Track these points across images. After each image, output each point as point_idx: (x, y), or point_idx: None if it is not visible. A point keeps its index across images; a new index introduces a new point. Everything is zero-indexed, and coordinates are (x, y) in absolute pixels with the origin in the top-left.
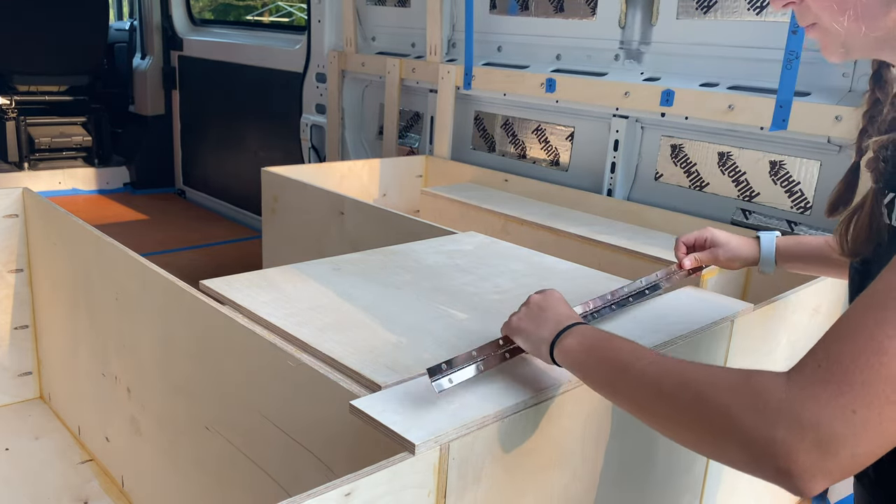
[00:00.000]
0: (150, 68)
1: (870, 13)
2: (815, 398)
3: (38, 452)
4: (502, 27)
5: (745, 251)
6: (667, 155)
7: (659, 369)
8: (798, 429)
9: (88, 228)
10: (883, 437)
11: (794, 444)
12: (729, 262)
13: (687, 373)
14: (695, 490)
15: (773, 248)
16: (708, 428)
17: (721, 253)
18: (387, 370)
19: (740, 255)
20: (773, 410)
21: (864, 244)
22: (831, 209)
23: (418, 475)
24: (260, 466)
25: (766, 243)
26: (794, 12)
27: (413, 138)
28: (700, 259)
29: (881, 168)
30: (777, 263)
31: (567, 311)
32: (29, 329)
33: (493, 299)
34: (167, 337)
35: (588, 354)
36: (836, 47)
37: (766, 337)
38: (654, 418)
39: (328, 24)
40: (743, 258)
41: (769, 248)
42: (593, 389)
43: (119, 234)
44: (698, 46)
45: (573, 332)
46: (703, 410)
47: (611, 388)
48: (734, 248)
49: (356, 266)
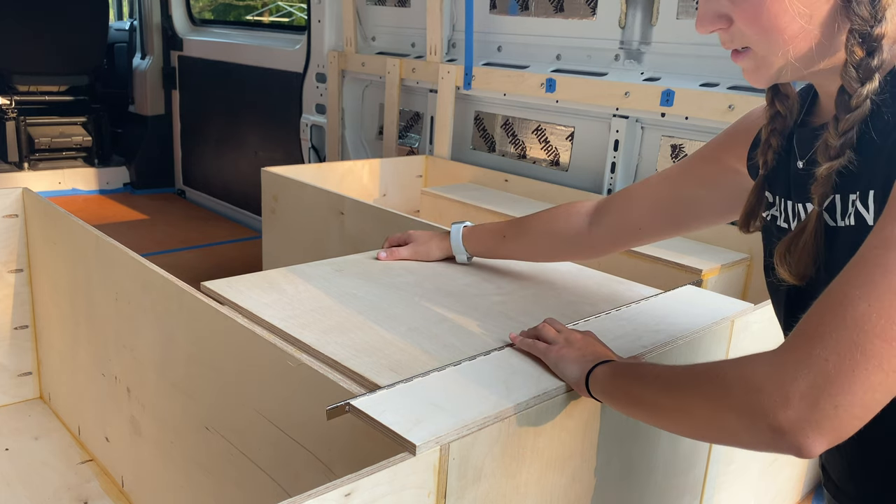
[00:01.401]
0: (150, 68)
1: (808, 42)
2: (794, 359)
3: (38, 452)
4: (502, 27)
5: (436, 245)
6: (667, 155)
7: (671, 373)
8: (780, 388)
9: (88, 228)
10: (861, 384)
11: (778, 402)
12: (425, 254)
13: (697, 370)
14: (694, 492)
15: (459, 239)
16: (713, 413)
17: (415, 247)
18: (389, 372)
19: (431, 251)
20: (761, 382)
21: (809, 266)
22: (745, 224)
23: (418, 475)
24: (260, 467)
25: (455, 234)
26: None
27: (413, 138)
28: (399, 254)
29: (828, 193)
30: (468, 250)
31: (607, 352)
32: (29, 329)
33: (496, 301)
34: (167, 337)
35: (613, 381)
36: (769, 75)
37: (766, 337)
38: (666, 416)
39: (328, 24)
40: (433, 252)
41: (457, 237)
42: (623, 413)
43: (119, 234)
44: (698, 46)
45: (606, 366)
46: (707, 397)
47: (633, 405)
48: (426, 245)
49: (357, 267)
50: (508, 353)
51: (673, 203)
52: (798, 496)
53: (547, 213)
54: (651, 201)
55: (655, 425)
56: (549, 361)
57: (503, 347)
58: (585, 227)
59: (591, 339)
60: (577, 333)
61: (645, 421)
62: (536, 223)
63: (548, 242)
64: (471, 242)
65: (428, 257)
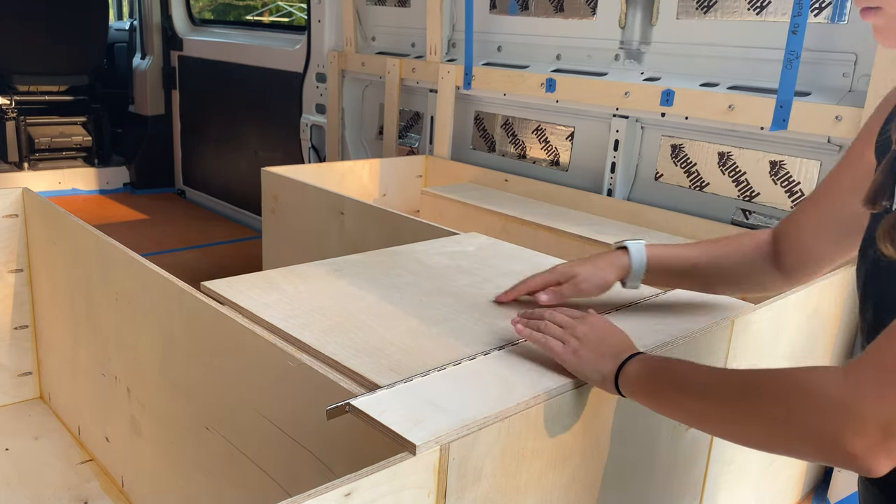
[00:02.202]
0: (150, 68)
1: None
2: (871, 382)
3: (38, 452)
4: (502, 27)
5: (608, 272)
6: (667, 155)
7: (718, 381)
8: (858, 421)
9: (88, 228)
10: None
11: (853, 429)
12: (595, 290)
13: (746, 380)
14: (694, 491)
15: (643, 260)
16: (776, 430)
17: (582, 281)
18: (389, 372)
19: (606, 278)
20: (833, 407)
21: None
22: (870, 201)
23: (418, 475)
24: (260, 466)
25: (637, 255)
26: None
27: (413, 138)
28: (563, 293)
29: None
30: (646, 275)
31: (624, 340)
32: (29, 329)
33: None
34: (167, 337)
35: (649, 383)
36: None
37: (766, 337)
38: (720, 428)
39: (328, 24)
40: (609, 280)
41: (640, 260)
42: (661, 413)
43: (119, 234)
44: (698, 46)
45: (634, 362)
46: (767, 415)
47: (677, 410)
48: (594, 272)
49: (358, 267)
50: (508, 353)
51: (837, 222)
52: (798, 496)
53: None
54: (814, 227)
55: (697, 429)
56: (568, 366)
57: (503, 347)
58: (770, 264)
59: (600, 327)
60: (582, 325)
61: (685, 423)
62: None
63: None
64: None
65: (603, 288)
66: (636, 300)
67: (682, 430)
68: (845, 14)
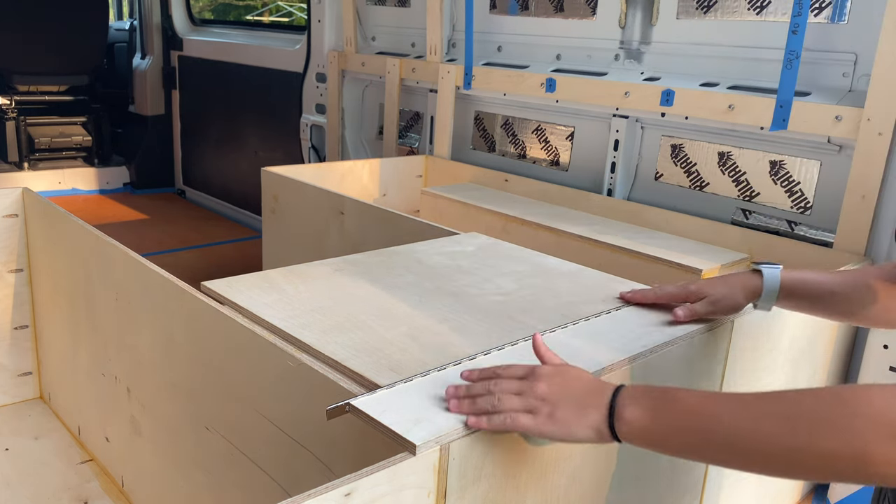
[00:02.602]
0: (150, 68)
1: None
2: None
3: (38, 452)
4: (502, 27)
5: (740, 293)
6: (667, 155)
7: (750, 416)
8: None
9: (88, 228)
10: None
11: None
12: (728, 310)
13: (784, 412)
14: (695, 491)
15: (777, 284)
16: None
17: (714, 301)
18: (389, 372)
19: (737, 300)
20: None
21: None
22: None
23: (418, 475)
24: (260, 466)
25: (771, 279)
26: None
27: (413, 138)
28: (695, 311)
29: None
30: (777, 300)
31: (585, 377)
32: (29, 329)
33: (496, 301)
34: (167, 337)
35: (656, 422)
36: None
37: (766, 337)
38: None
39: (328, 24)
40: (740, 301)
41: (773, 284)
42: (675, 456)
43: (119, 234)
44: (698, 46)
45: (625, 401)
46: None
47: (700, 453)
48: (727, 294)
49: (358, 267)
50: (508, 353)
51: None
52: (798, 496)
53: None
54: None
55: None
56: (551, 436)
57: (503, 347)
58: None
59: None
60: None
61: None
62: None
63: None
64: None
65: (735, 309)
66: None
67: None
68: (845, 14)
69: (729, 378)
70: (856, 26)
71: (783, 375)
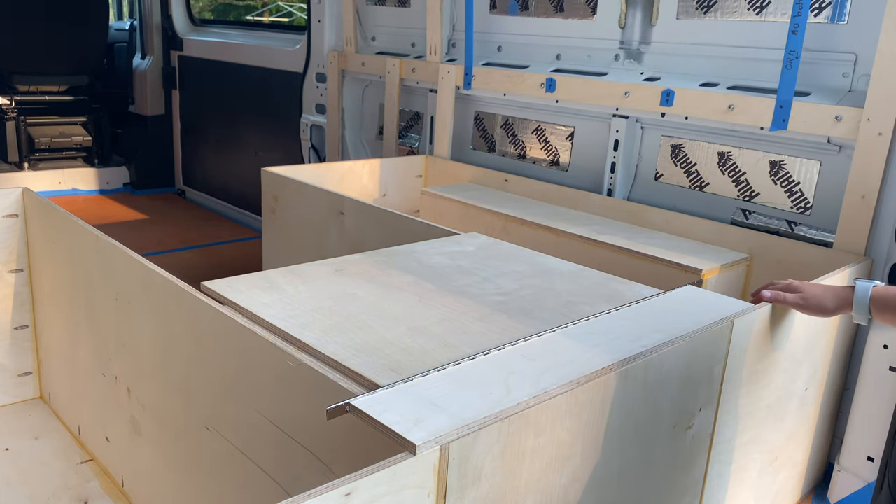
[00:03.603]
0: (150, 68)
1: None
2: None
3: (38, 452)
4: (502, 27)
5: (830, 299)
6: (667, 155)
7: None
8: None
9: (88, 228)
10: None
11: None
12: (814, 308)
13: None
14: (694, 491)
15: (867, 298)
16: None
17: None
18: (389, 372)
19: (824, 304)
20: None
21: None
22: None
23: (418, 475)
24: (260, 466)
25: (861, 292)
26: None
27: (413, 138)
28: (785, 298)
29: None
30: (871, 314)
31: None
32: (29, 329)
33: (496, 301)
34: (167, 337)
35: None
36: None
37: (766, 337)
38: None
39: (328, 24)
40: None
41: (863, 295)
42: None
43: (119, 234)
44: (698, 46)
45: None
46: None
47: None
48: (815, 294)
49: (358, 267)
50: (508, 353)
51: None
52: (798, 496)
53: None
54: None
55: None
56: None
57: (503, 347)
58: None
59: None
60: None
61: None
62: None
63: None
64: (880, 306)
65: (820, 311)
66: (636, 300)
67: (683, 430)
68: (845, 14)
69: (729, 378)
70: (856, 26)
71: (783, 375)
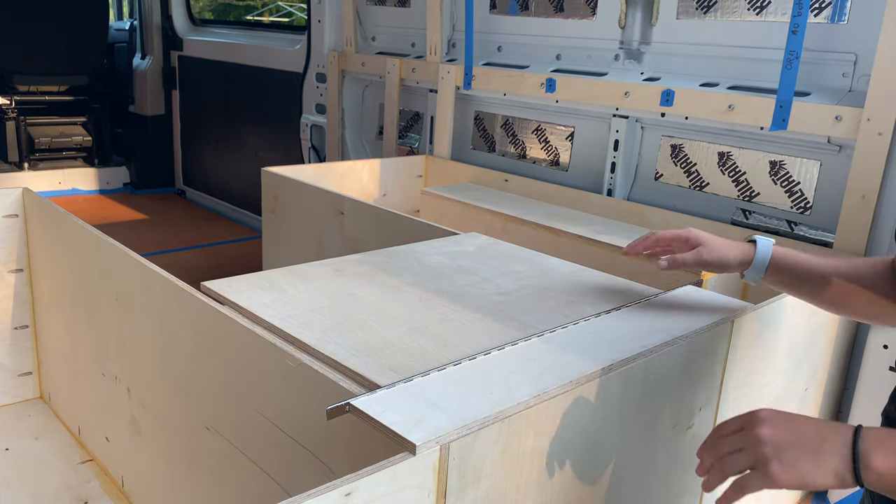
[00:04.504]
0: (150, 68)
1: None
2: None
3: (38, 452)
4: (502, 27)
5: (734, 253)
6: (667, 155)
7: None
8: None
9: (88, 228)
10: None
11: None
12: (715, 264)
13: None
14: (694, 491)
15: (768, 254)
16: None
17: (706, 253)
18: (389, 372)
19: (727, 257)
20: None
21: None
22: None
23: (418, 475)
24: (260, 466)
25: (763, 249)
26: None
27: (413, 138)
28: (683, 260)
29: None
30: (766, 273)
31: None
32: (29, 329)
33: (496, 301)
34: (167, 337)
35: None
36: None
37: (766, 337)
38: None
39: (328, 25)
40: (730, 260)
41: (765, 253)
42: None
43: (119, 234)
44: (698, 46)
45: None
46: None
47: None
48: (720, 249)
49: (358, 267)
50: (508, 353)
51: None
52: (798, 496)
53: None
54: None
55: None
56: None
57: (503, 347)
58: None
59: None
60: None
61: None
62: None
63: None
64: (779, 264)
65: (722, 266)
66: (636, 300)
67: (683, 430)
68: (845, 14)
69: (729, 378)
70: (856, 26)
71: (783, 375)
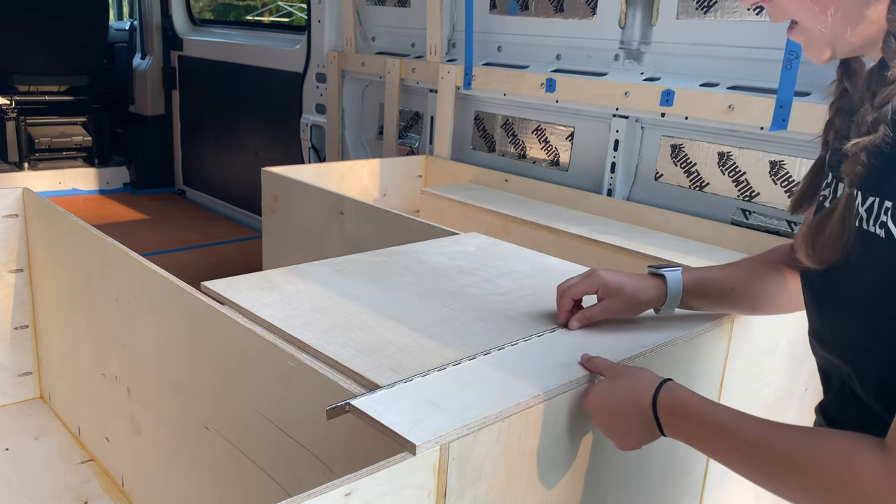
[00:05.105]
0: (150, 68)
1: (852, 12)
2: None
3: (38, 452)
4: (502, 27)
5: (645, 294)
6: (667, 155)
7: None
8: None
9: (88, 228)
10: None
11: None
12: (627, 311)
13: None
14: (694, 491)
15: (680, 287)
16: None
17: (616, 304)
18: (389, 372)
19: (640, 300)
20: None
21: (833, 251)
22: (796, 206)
23: (418, 475)
24: (260, 466)
25: (674, 282)
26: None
27: (413, 138)
28: (591, 315)
29: (858, 172)
30: (682, 302)
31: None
32: (29, 329)
33: (496, 300)
34: (167, 337)
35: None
36: (822, 48)
37: (766, 337)
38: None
39: (328, 25)
40: (643, 302)
41: (676, 287)
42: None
43: (119, 234)
44: (698, 46)
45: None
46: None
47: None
48: (631, 294)
49: (358, 267)
50: (508, 353)
51: None
52: None
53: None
54: None
55: None
56: None
57: (503, 347)
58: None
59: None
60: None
61: None
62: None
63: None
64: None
65: (633, 310)
66: None
67: None
68: None
69: (729, 378)
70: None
71: (783, 375)
